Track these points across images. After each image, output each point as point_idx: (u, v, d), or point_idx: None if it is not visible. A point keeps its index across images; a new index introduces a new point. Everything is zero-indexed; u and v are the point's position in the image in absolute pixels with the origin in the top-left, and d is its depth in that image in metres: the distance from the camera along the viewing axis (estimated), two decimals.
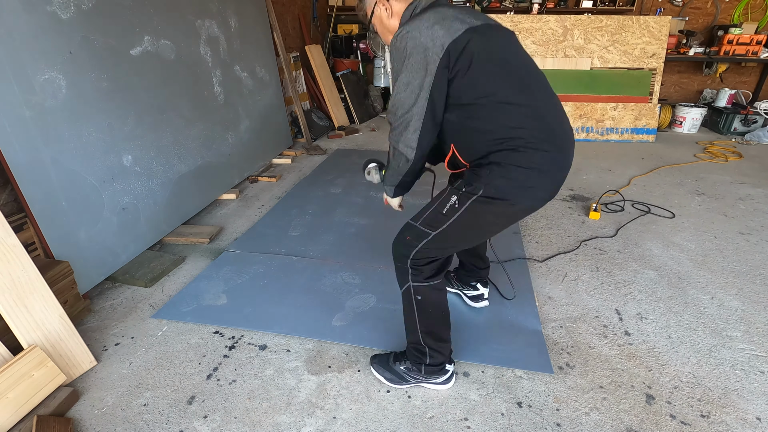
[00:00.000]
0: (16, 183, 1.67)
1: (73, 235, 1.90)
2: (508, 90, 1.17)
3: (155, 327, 1.81)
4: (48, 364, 1.43)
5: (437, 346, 1.44)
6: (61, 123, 1.84)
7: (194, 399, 1.47)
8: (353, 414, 1.42)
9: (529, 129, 1.17)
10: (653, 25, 4.40)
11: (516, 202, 1.23)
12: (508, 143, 1.18)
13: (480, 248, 1.83)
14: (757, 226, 2.72)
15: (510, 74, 1.19)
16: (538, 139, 1.18)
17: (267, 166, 3.76)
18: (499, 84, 1.17)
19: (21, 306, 1.45)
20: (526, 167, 1.18)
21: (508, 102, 1.17)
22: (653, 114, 4.50)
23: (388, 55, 5.32)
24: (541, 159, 1.18)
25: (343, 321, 1.82)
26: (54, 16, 1.81)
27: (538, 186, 1.22)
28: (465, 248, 1.42)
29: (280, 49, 3.99)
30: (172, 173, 2.54)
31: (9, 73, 1.63)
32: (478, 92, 1.17)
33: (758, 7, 5.17)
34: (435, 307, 1.40)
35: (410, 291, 1.38)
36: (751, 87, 5.48)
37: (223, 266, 2.20)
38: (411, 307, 1.40)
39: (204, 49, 2.85)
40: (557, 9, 5.38)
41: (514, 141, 1.17)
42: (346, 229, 2.63)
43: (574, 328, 1.82)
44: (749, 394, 1.51)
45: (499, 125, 1.18)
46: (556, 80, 4.54)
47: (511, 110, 1.17)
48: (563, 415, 1.42)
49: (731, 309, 1.95)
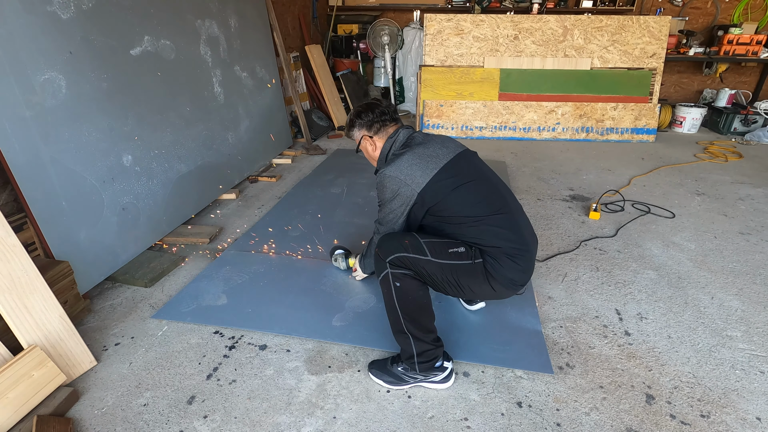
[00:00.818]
0: (16, 183, 1.67)
1: (73, 235, 1.90)
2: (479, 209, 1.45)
3: (155, 327, 1.81)
4: (48, 364, 1.43)
5: (421, 335, 1.45)
6: (61, 123, 1.84)
7: (194, 399, 1.47)
8: (353, 414, 1.42)
9: (508, 242, 1.43)
10: (653, 25, 4.40)
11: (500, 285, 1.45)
12: (491, 250, 1.42)
13: None
14: (757, 226, 2.72)
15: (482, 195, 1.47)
16: (515, 250, 1.42)
17: (267, 166, 3.76)
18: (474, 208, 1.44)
19: (21, 306, 1.45)
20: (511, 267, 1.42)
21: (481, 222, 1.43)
22: (653, 114, 4.50)
23: (388, 56, 5.32)
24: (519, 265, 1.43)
25: (343, 321, 1.82)
26: (54, 16, 1.81)
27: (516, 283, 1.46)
28: (439, 289, 1.50)
29: (280, 49, 3.99)
30: (172, 173, 2.54)
31: (9, 73, 1.63)
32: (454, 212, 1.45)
33: (758, 7, 5.17)
34: (414, 294, 1.43)
35: (388, 277, 1.42)
36: (751, 87, 5.48)
37: (223, 266, 2.20)
38: (390, 294, 1.44)
39: (204, 49, 2.85)
40: (557, 9, 5.38)
41: (495, 249, 1.42)
42: (347, 229, 2.63)
43: (574, 328, 1.82)
44: (749, 394, 1.51)
45: (478, 238, 1.43)
46: (556, 80, 4.55)
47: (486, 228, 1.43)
48: (563, 415, 1.42)
49: (731, 309, 1.95)
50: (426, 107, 4.63)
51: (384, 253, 1.43)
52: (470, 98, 4.63)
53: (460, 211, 1.44)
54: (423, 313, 1.46)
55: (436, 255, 1.41)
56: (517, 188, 3.32)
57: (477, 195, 1.47)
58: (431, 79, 4.62)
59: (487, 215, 1.44)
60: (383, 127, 1.64)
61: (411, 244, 1.42)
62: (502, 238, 1.42)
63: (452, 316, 1.85)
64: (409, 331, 1.44)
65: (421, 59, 4.93)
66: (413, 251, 1.41)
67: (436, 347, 1.47)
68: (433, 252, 1.41)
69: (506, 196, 1.53)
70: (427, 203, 1.46)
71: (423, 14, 4.94)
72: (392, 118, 1.66)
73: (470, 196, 1.46)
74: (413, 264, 1.41)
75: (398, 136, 1.60)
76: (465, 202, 1.45)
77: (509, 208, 1.50)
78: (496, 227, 1.43)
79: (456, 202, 1.45)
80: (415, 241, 1.43)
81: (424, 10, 5.59)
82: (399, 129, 1.62)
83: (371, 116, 1.65)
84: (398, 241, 1.43)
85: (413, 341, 1.44)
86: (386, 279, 1.43)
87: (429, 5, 5.65)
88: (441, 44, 4.60)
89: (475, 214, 1.44)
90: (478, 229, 1.43)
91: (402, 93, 5.91)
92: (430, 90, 4.65)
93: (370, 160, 1.72)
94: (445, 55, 4.63)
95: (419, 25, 5.52)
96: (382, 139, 1.64)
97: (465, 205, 1.45)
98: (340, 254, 2.13)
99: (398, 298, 1.43)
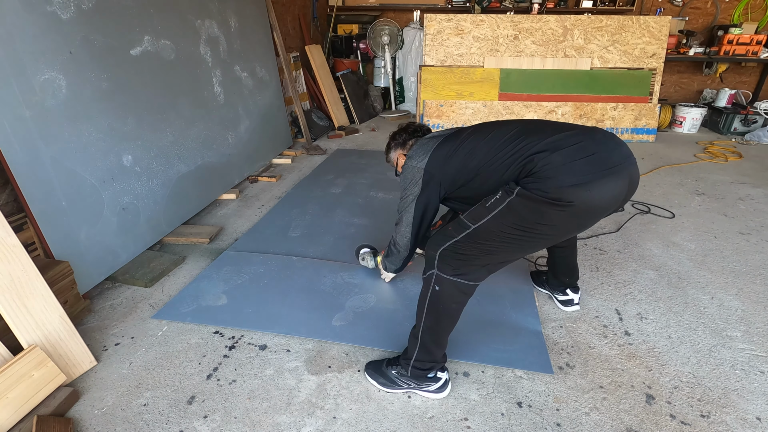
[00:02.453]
0: (16, 183, 1.67)
1: (73, 235, 1.90)
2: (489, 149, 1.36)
3: (155, 327, 1.81)
4: (48, 364, 1.43)
5: (430, 347, 1.41)
6: (61, 123, 1.84)
7: (194, 399, 1.47)
8: (353, 414, 1.42)
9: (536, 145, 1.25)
10: (653, 25, 4.40)
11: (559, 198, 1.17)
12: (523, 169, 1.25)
13: (570, 260, 1.88)
14: (757, 226, 2.72)
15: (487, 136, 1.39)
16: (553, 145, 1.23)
17: (267, 166, 3.76)
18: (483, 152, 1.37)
19: (21, 306, 1.45)
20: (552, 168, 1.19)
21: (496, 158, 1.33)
22: (653, 114, 4.50)
23: (388, 56, 5.32)
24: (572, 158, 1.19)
25: (343, 321, 1.82)
26: (54, 16, 1.81)
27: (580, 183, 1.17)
28: (499, 258, 1.34)
29: (280, 49, 3.99)
30: (172, 173, 2.54)
31: (9, 73, 1.63)
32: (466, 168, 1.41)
33: (758, 7, 5.17)
34: (448, 305, 1.37)
35: (431, 278, 1.35)
36: (751, 87, 5.48)
37: (223, 266, 2.20)
38: (425, 295, 1.38)
39: (204, 49, 2.85)
40: (557, 9, 5.38)
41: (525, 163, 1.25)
42: (347, 229, 2.63)
43: (574, 328, 1.82)
44: (749, 394, 1.51)
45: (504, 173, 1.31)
46: (556, 80, 4.55)
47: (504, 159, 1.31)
48: (563, 415, 1.42)
49: (731, 309, 1.95)
50: (426, 107, 4.63)
51: (433, 247, 1.36)
52: (470, 98, 4.63)
53: (470, 163, 1.38)
54: (447, 322, 1.40)
55: (477, 219, 1.29)
56: None
57: (480, 139, 1.39)
58: (431, 79, 4.62)
59: (500, 148, 1.32)
60: None
61: (454, 228, 1.34)
62: (526, 149, 1.25)
63: None
64: (422, 338, 1.41)
65: (421, 59, 4.93)
66: (458, 231, 1.32)
67: (435, 363, 1.44)
68: (473, 218, 1.30)
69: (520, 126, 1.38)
70: (434, 174, 1.48)
71: (423, 14, 4.94)
72: (424, 135, 1.72)
73: (474, 143, 1.40)
74: (466, 248, 1.31)
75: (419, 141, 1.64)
76: (472, 150, 1.39)
77: (523, 128, 1.35)
78: (516, 149, 1.28)
79: (461, 157, 1.41)
80: (456, 223, 1.35)
81: (424, 10, 5.58)
82: None
83: (405, 135, 1.78)
84: (442, 232, 1.37)
85: (419, 348, 1.42)
86: (429, 279, 1.37)
87: (429, 5, 5.65)
88: (441, 44, 4.60)
89: (488, 158, 1.34)
90: (498, 166, 1.31)
91: (402, 93, 5.91)
92: (430, 90, 4.65)
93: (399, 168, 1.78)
94: (445, 55, 4.63)
95: (419, 25, 5.52)
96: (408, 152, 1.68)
97: (473, 155, 1.38)
98: (367, 253, 2.12)
99: (431, 301, 1.37)
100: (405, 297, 1.98)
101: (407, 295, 1.99)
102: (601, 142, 1.25)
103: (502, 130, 1.38)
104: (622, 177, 1.23)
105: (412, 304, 1.92)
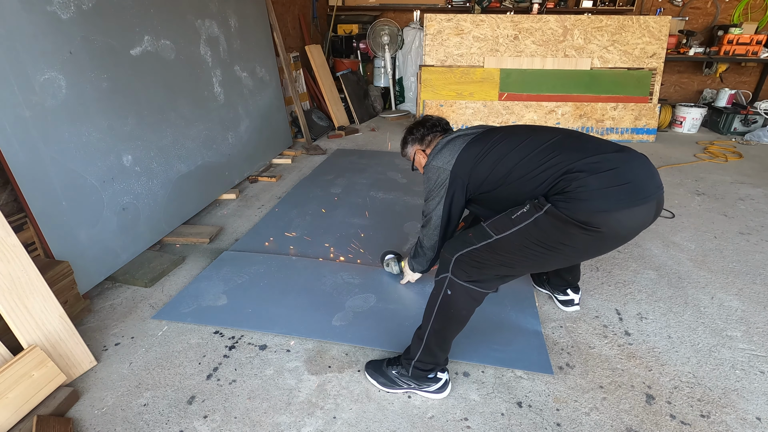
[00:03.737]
0: (16, 183, 1.67)
1: (73, 235, 1.90)
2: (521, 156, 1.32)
3: (155, 327, 1.81)
4: (48, 364, 1.43)
5: (434, 350, 1.41)
6: (61, 123, 1.84)
7: (194, 399, 1.47)
8: (353, 414, 1.42)
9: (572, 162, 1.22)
10: (653, 25, 4.40)
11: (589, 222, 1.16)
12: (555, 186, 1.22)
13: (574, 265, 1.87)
14: (757, 226, 2.72)
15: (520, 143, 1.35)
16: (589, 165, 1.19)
17: (267, 166, 3.76)
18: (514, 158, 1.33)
19: (21, 306, 1.45)
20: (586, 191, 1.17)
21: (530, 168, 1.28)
22: (653, 114, 4.50)
23: (388, 56, 5.32)
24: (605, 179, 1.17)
25: (343, 321, 1.82)
26: (54, 16, 1.81)
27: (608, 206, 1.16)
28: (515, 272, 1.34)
29: (280, 49, 3.99)
30: (172, 173, 2.54)
31: (9, 73, 1.63)
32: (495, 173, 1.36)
33: (758, 7, 5.17)
34: (458, 310, 1.36)
35: (444, 281, 1.35)
36: (751, 87, 5.48)
37: (223, 266, 2.20)
38: (436, 298, 1.37)
39: (204, 49, 2.85)
40: (557, 9, 5.38)
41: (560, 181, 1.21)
42: (347, 229, 2.63)
43: (574, 328, 1.82)
44: (749, 394, 1.51)
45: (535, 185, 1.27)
46: (556, 80, 4.55)
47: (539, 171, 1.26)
48: (563, 415, 1.42)
49: (731, 309, 1.95)
50: (426, 107, 4.63)
51: (450, 251, 1.35)
52: (470, 98, 4.63)
53: (500, 169, 1.34)
54: (454, 327, 1.40)
55: (500, 230, 1.27)
56: None
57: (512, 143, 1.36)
58: (431, 79, 4.62)
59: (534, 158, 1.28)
60: (435, 139, 1.65)
61: (474, 235, 1.32)
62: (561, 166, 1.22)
63: None
64: (427, 340, 1.40)
65: (421, 59, 4.93)
66: (478, 239, 1.30)
67: (436, 365, 1.45)
68: (497, 228, 1.28)
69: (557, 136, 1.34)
70: (461, 177, 1.43)
71: (423, 14, 4.94)
72: (443, 129, 1.68)
73: (506, 149, 1.35)
74: (483, 257, 1.30)
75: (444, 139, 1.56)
76: (503, 157, 1.34)
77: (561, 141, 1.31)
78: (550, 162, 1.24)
79: (491, 161, 1.36)
80: (477, 230, 1.33)
81: (424, 10, 5.58)
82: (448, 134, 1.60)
83: (423, 130, 1.69)
84: (462, 237, 1.36)
85: (422, 350, 1.42)
86: (442, 282, 1.36)
87: (429, 5, 5.65)
88: (441, 44, 4.60)
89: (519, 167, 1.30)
90: (530, 178, 1.27)
91: (402, 93, 5.91)
92: (430, 90, 4.65)
93: (420, 167, 1.73)
94: (445, 55, 4.63)
95: (419, 25, 5.52)
96: (430, 149, 1.65)
97: (504, 161, 1.33)
98: (392, 259, 2.12)
99: (441, 304, 1.36)
100: (405, 297, 1.98)
101: (407, 295, 1.99)
102: (636, 170, 1.22)
103: (538, 139, 1.33)
104: (651, 207, 1.22)
105: (412, 304, 1.92)
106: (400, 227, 2.65)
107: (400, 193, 3.17)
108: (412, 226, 2.66)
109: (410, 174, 3.51)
